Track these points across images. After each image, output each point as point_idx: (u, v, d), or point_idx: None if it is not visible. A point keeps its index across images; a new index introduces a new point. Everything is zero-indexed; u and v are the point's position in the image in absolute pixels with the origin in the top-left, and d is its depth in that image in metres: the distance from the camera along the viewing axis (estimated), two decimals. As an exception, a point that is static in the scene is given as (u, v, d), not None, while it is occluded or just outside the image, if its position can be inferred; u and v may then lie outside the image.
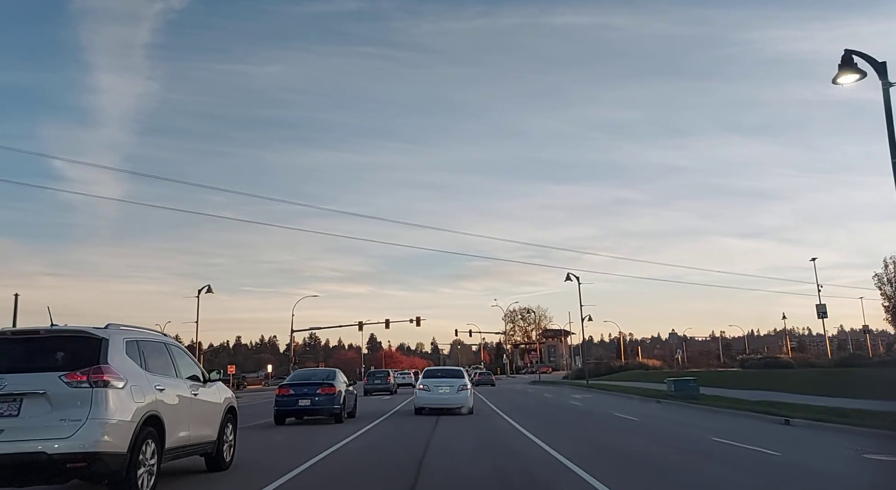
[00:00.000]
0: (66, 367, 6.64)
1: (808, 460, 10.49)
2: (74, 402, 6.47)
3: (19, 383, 6.45)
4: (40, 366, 6.64)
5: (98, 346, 6.92)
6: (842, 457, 10.76)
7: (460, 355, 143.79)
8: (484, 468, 9.71)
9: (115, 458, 6.57)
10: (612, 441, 13.45)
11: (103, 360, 6.80)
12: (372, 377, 43.47)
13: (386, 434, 15.32)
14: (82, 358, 6.76)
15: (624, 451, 11.78)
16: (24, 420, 6.35)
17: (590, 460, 10.10)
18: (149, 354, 7.84)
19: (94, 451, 6.39)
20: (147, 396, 7.25)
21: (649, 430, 15.95)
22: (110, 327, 7.43)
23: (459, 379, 21.22)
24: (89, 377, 6.58)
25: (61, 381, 6.50)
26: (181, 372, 8.61)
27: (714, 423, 17.20)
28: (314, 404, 18.08)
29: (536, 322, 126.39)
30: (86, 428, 6.39)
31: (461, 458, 10.85)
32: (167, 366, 8.27)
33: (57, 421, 6.37)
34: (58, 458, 6.29)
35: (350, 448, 12.42)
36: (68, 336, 7.09)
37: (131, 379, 7.05)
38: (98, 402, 6.53)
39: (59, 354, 6.83)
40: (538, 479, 8.85)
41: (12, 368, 6.56)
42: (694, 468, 9.71)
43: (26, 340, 7.06)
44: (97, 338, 7.01)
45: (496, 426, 17.13)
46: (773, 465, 9.76)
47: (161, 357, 8.22)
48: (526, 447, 12.33)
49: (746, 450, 11.34)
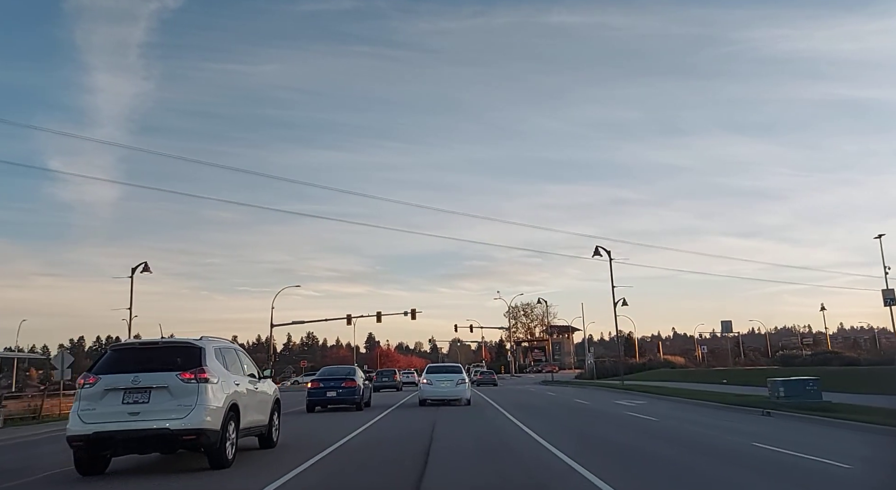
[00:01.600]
0: (179, 368, 9.29)
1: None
2: (186, 393, 9.13)
3: (148, 380, 9.12)
4: (162, 367, 9.29)
5: (198, 353, 9.59)
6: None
7: (459, 354, 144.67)
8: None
9: (213, 433, 9.24)
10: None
11: (203, 363, 9.46)
12: (381, 375, 48.90)
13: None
14: (189, 361, 9.42)
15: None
16: (153, 405, 9.03)
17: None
18: (227, 358, 10.53)
19: (200, 428, 9.07)
20: (229, 389, 9.92)
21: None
22: (204, 339, 10.11)
23: (458, 374, 24.00)
24: (196, 375, 9.25)
25: (177, 378, 9.17)
26: (245, 370, 11.29)
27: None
28: (339, 395, 21.42)
29: (541, 317, 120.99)
30: (194, 411, 9.06)
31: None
32: (237, 366, 10.95)
33: (175, 406, 9.04)
34: (176, 432, 8.98)
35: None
36: (178, 346, 9.78)
37: (220, 377, 9.73)
38: (202, 393, 9.20)
39: (174, 359, 9.48)
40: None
41: (143, 369, 9.23)
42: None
43: (149, 349, 9.73)
44: (198, 347, 9.69)
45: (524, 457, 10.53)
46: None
47: (233, 359, 10.90)
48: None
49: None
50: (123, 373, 9.13)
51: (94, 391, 9.06)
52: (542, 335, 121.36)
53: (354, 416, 18.85)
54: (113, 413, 8.92)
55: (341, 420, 17.80)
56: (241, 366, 11.13)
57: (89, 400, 9.04)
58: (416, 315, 62.34)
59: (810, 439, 12.37)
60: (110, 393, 9.03)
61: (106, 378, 9.12)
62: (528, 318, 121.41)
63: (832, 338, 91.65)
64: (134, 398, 9.01)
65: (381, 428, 15.72)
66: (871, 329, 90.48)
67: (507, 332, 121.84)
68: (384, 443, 12.61)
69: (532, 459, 10.13)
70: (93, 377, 9.15)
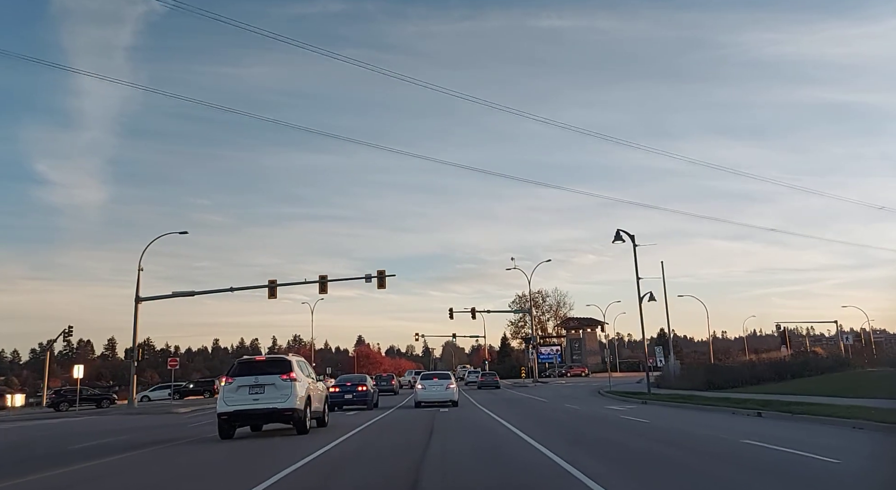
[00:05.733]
0: (279, 372, 15.42)
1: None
2: (284, 387, 15.24)
3: (263, 380, 15.25)
4: (270, 372, 15.41)
5: (289, 363, 15.74)
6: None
7: (454, 356, 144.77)
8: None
9: (300, 411, 15.36)
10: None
11: (292, 369, 15.61)
12: (379, 380, 53.80)
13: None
14: (284, 368, 15.56)
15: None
16: (266, 395, 15.13)
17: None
18: (302, 366, 16.69)
19: (294, 407, 15.18)
20: (306, 386, 16.06)
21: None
22: (290, 354, 16.30)
23: (448, 380, 29.68)
24: (289, 377, 15.39)
25: (279, 378, 15.31)
26: (311, 374, 17.45)
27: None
28: (355, 397, 27.41)
29: (555, 310, 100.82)
30: (290, 398, 15.17)
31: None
32: (305, 371, 17.08)
33: (279, 395, 15.15)
34: (281, 410, 15.11)
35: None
36: (277, 359, 15.97)
37: (301, 378, 15.89)
38: (293, 387, 15.31)
39: (275, 367, 15.61)
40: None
41: (259, 373, 15.36)
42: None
43: (261, 361, 15.92)
44: (288, 360, 15.88)
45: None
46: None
47: (305, 368, 17.05)
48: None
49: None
50: (248, 375, 15.31)
51: (231, 387, 15.20)
52: (558, 330, 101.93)
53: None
54: (243, 399, 15.07)
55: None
56: (309, 371, 17.29)
57: (229, 392, 15.18)
58: (384, 281, 43.84)
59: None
60: (241, 388, 15.18)
61: (238, 379, 15.28)
62: (539, 309, 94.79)
63: (829, 339, 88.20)
64: (255, 391, 15.16)
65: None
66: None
67: (514, 328, 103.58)
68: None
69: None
70: (230, 378, 15.29)
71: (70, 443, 16.92)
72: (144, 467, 11.45)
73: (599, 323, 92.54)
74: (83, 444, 16.34)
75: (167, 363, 58.33)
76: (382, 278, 43.35)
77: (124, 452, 13.52)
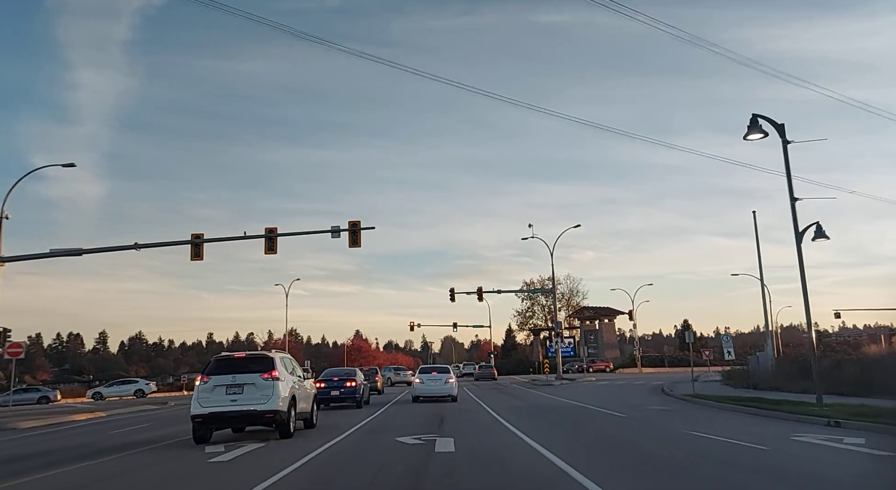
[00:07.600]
0: (260, 370, 13.98)
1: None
2: (266, 387, 13.79)
3: (242, 379, 13.80)
4: (249, 370, 13.96)
5: (271, 360, 14.29)
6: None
7: (452, 352, 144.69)
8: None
9: (283, 414, 13.92)
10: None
11: (274, 367, 14.17)
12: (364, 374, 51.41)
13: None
14: (265, 366, 14.11)
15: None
16: (245, 396, 13.68)
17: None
18: (286, 364, 15.24)
19: (276, 410, 13.73)
20: (290, 385, 14.62)
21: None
22: (273, 351, 14.83)
23: (447, 374, 28.27)
24: (271, 375, 13.95)
25: (260, 377, 13.86)
26: (296, 372, 16.00)
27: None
28: (342, 394, 25.11)
29: (567, 298, 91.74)
30: (272, 399, 13.73)
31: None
32: (290, 368, 15.64)
33: (259, 395, 13.71)
34: (261, 412, 13.65)
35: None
36: (258, 356, 14.49)
37: (285, 377, 14.44)
38: (275, 387, 13.87)
39: (256, 365, 14.17)
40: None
41: (237, 371, 13.90)
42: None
43: (240, 359, 14.43)
44: (270, 357, 14.41)
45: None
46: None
47: (290, 365, 15.61)
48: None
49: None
50: (225, 374, 13.85)
51: (207, 386, 13.75)
52: (570, 320, 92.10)
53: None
54: (220, 400, 13.62)
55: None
56: (293, 369, 15.85)
57: (204, 392, 13.73)
58: (359, 237, 31.23)
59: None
60: (217, 387, 13.73)
61: (214, 378, 13.83)
62: (548, 298, 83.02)
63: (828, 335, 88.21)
64: (233, 391, 13.72)
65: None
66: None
67: (522, 318, 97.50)
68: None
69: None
70: (206, 377, 13.85)
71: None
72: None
73: (619, 313, 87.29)
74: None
75: (156, 357, 56.53)
76: (356, 231, 31.21)
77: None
